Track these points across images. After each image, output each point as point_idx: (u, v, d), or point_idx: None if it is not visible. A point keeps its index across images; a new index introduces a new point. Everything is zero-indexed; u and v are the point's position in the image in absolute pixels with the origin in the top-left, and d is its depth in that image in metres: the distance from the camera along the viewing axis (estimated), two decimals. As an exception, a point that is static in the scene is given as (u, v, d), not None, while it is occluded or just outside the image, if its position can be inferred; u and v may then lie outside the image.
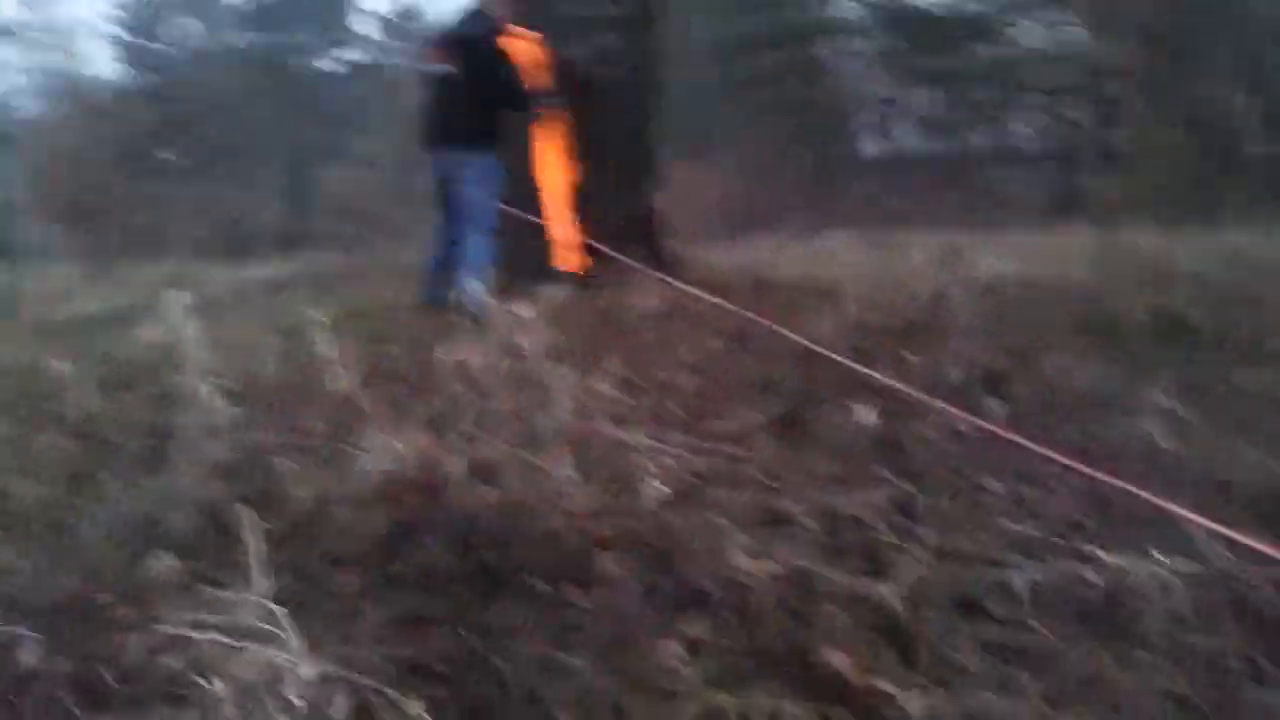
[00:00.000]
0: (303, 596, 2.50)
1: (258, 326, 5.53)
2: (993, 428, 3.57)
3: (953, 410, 3.79)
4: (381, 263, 11.08)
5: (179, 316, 3.30)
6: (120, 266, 15.31)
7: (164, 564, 2.40)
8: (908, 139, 38.13)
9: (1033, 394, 4.14)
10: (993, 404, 4.00)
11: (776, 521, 3.09)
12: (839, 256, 11.29)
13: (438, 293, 6.49)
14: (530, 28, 6.62)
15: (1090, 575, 2.73)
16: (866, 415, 3.71)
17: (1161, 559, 2.69)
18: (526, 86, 6.48)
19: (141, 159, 32.04)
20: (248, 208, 29.25)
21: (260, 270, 11.85)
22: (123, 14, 41.50)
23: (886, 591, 2.60)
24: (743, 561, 2.71)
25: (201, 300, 4.97)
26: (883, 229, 16.17)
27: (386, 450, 3.03)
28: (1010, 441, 3.58)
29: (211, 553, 2.63)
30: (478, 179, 6.47)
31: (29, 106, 31.72)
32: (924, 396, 3.90)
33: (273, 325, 5.26)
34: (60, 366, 3.51)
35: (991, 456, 3.66)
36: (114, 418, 3.27)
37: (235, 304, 7.06)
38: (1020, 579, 2.72)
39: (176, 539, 2.63)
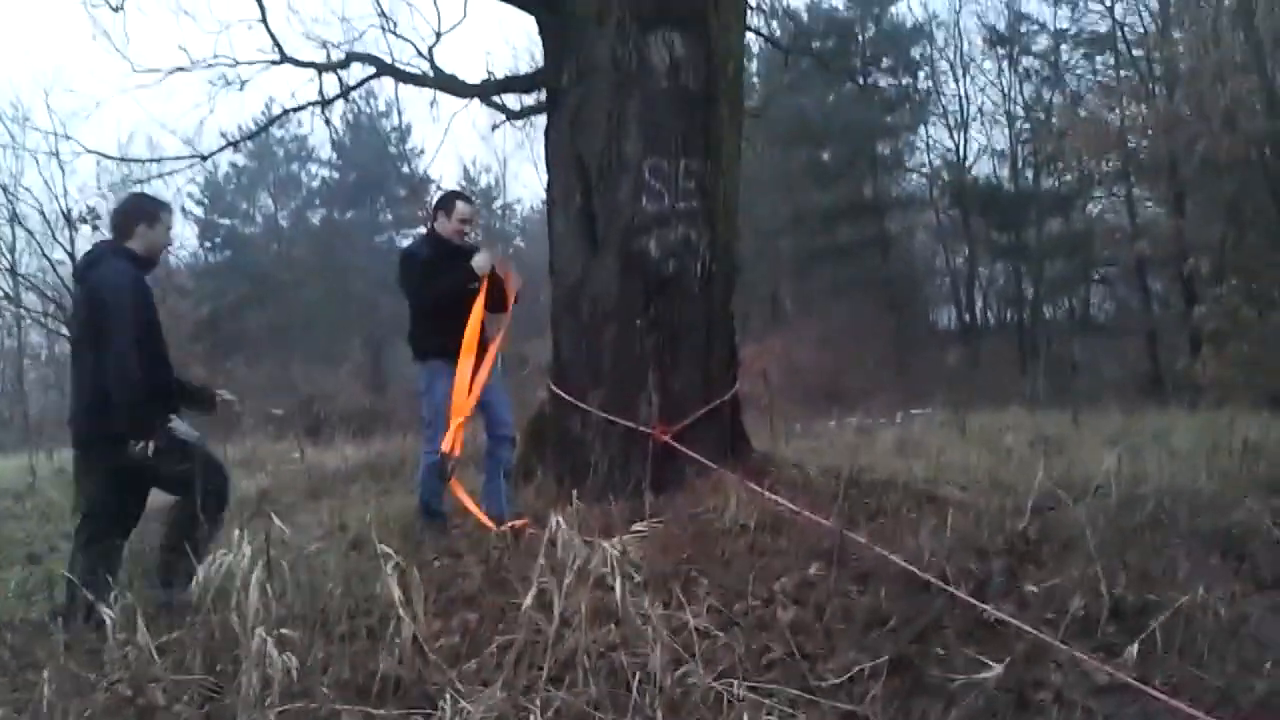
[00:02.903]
0: None
1: (323, 539, 5.28)
2: (1146, 689, 3.14)
3: (1087, 659, 3.41)
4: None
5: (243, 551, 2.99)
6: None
7: None
8: (984, 312, 38.07)
9: (1169, 630, 3.69)
10: (1125, 643, 3.57)
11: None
12: (928, 442, 10.91)
13: (437, 502, 6.45)
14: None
15: None
16: (989, 665, 3.30)
17: None
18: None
19: (219, 335, 32.67)
20: (324, 386, 29.50)
21: (333, 456, 11.71)
22: (201, 193, 42.99)
23: None
24: None
25: (270, 488, 4.75)
26: (966, 407, 15.83)
27: (459, 713, 2.70)
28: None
29: None
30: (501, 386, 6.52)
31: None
32: (1052, 640, 3.50)
33: (340, 540, 5.00)
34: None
35: (1134, 711, 3.27)
36: (162, 670, 2.99)
37: (303, 501, 6.83)
38: None
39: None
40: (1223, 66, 20.99)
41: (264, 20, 9.98)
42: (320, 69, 10.14)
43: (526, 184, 57.17)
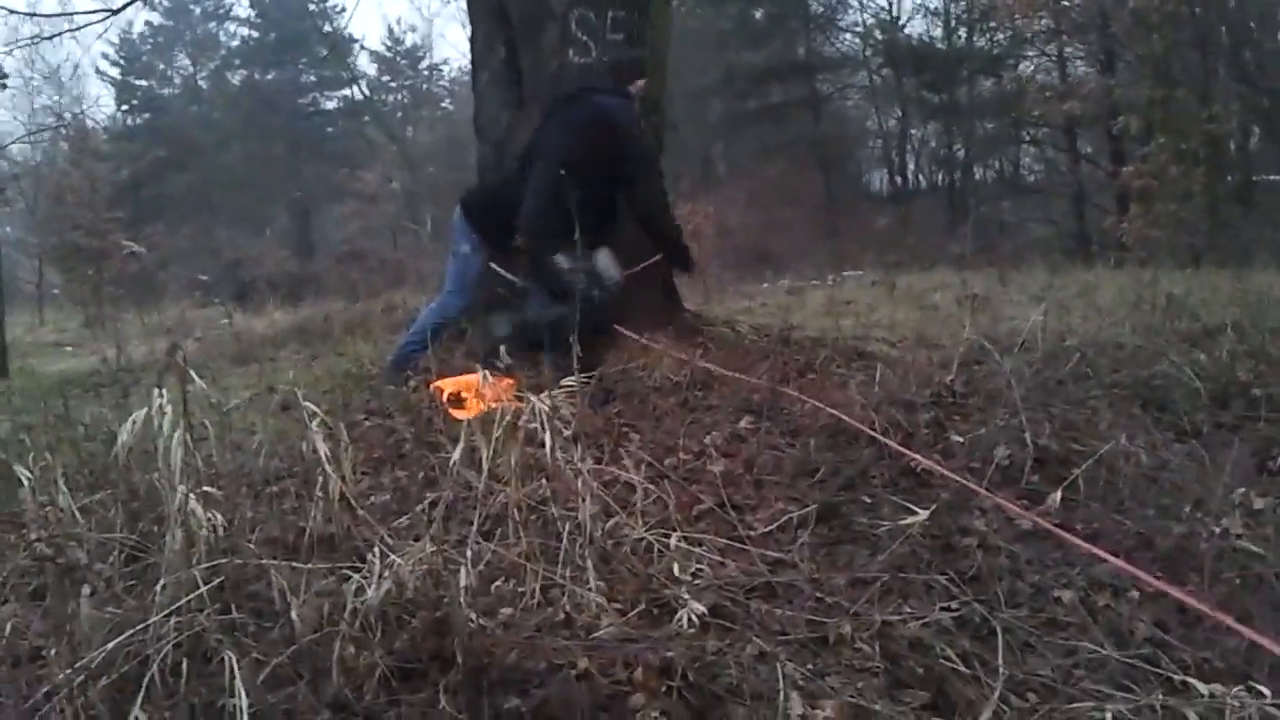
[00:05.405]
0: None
1: (249, 401, 5.19)
2: (1065, 535, 3.20)
3: (1010, 505, 3.47)
4: (381, 311, 10.73)
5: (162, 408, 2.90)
6: (118, 313, 15.02)
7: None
8: (915, 174, 38.05)
9: (1091, 478, 3.77)
10: (1048, 490, 3.63)
11: (827, 644, 2.77)
12: (858, 301, 10.98)
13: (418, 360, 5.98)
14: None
15: (1187, 710, 2.40)
16: (915, 511, 3.35)
17: (1264, 690, 2.36)
18: None
19: (139, 200, 31.96)
20: (249, 251, 28.95)
21: (259, 321, 11.54)
22: (116, 53, 41.50)
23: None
24: (796, 705, 2.39)
25: (196, 356, 4.67)
26: (896, 267, 15.90)
27: (388, 566, 2.67)
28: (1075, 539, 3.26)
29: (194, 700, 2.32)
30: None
31: (25, 150, 31.14)
32: (978, 488, 3.55)
33: (266, 402, 4.92)
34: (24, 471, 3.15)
35: (1056, 555, 3.35)
36: (84, 530, 2.94)
37: (230, 367, 6.73)
38: (1107, 716, 2.39)
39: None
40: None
41: None
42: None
43: (455, 44, 55.47)
